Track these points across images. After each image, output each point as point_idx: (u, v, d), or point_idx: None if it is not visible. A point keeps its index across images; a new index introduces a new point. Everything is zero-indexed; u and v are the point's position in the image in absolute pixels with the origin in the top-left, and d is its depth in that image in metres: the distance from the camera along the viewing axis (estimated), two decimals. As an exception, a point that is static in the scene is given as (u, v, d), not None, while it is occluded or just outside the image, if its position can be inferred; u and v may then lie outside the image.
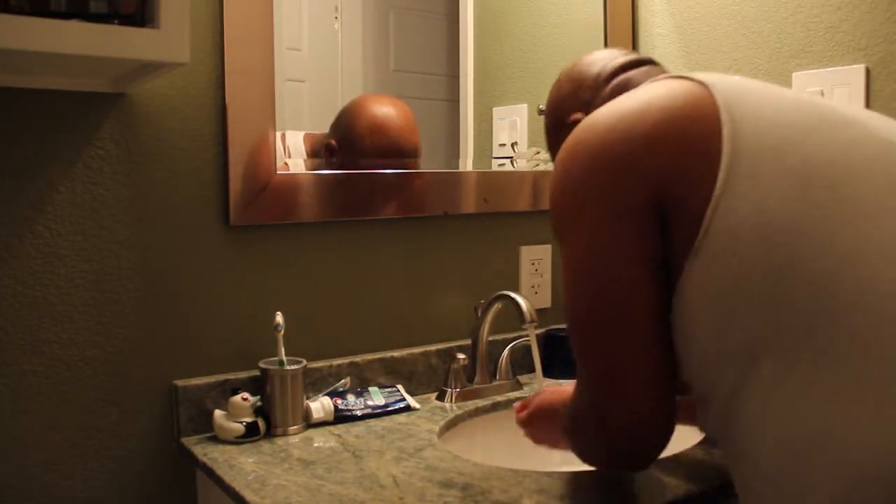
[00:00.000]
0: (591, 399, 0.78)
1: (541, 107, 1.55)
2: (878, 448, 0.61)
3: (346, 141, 1.30)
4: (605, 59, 0.98)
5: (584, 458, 0.83)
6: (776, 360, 0.67)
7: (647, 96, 0.77)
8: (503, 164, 1.54)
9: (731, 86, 0.75)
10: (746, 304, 0.68)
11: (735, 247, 0.68)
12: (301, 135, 1.29)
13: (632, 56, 0.98)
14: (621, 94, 0.86)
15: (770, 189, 0.68)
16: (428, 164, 1.42)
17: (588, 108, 0.94)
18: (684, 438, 1.07)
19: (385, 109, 1.33)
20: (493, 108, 1.52)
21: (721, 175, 0.69)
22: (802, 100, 0.76)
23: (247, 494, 0.92)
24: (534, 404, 1.04)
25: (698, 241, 0.70)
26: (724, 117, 0.71)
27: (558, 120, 1.01)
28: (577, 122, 0.93)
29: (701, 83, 0.76)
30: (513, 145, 1.54)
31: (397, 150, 1.31)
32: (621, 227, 0.74)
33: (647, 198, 0.72)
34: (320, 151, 1.30)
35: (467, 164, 1.50)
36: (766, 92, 0.76)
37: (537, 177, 1.51)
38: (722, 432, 0.75)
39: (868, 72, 1.27)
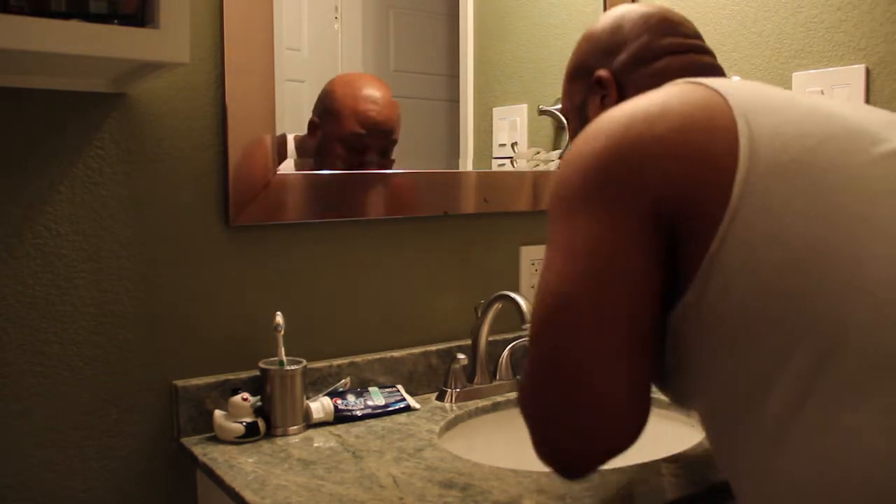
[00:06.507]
0: (549, 400, 0.72)
1: (541, 107, 1.55)
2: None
3: (326, 113, 1.30)
4: (657, 28, 0.92)
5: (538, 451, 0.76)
6: (794, 383, 0.65)
7: (663, 101, 0.74)
8: (503, 164, 1.54)
9: (748, 96, 0.73)
10: (763, 323, 0.66)
11: (752, 263, 0.66)
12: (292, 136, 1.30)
13: (688, 39, 0.92)
14: (658, 80, 0.84)
15: (786, 207, 0.66)
16: (428, 164, 1.42)
17: (619, 74, 0.91)
18: (684, 438, 1.08)
19: (364, 83, 1.33)
20: (493, 108, 1.52)
21: (736, 190, 0.67)
22: (818, 110, 0.73)
23: (247, 494, 0.92)
24: None
25: (711, 253, 0.68)
26: (741, 128, 0.69)
27: (581, 68, 0.96)
28: (599, 79, 0.92)
29: (718, 93, 0.73)
30: (513, 145, 1.54)
31: (374, 122, 1.31)
32: (623, 226, 0.71)
33: (653, 203, 0.70)
34: (304, 140, 1.30)
35: (467, 164, 1.50)
36: (783, 102, 0.73)
37: (537, 177, 1.51)
38: (728, 450, 0.74)
39: (868, 72, 1.27)
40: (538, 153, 1.54)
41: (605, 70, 0.93)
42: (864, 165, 0.68)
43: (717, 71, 0.92)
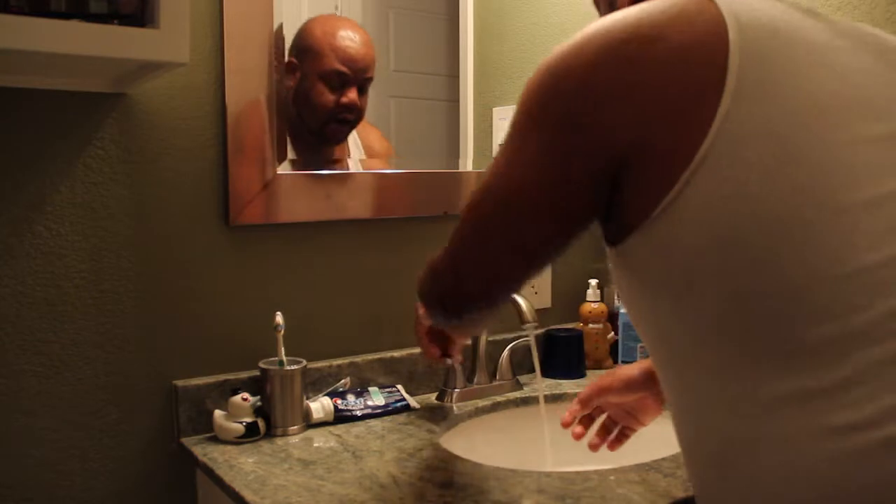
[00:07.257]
0: (452, 271, 0.91)
1: (541, 107, 1.55)
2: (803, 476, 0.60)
3: (304, 52, 1.29)
4: None
5: (421, 298, 0.94)
6: (722, 348, 0.65)
7: (662, 22, 0.67)
8: (503, 164, 1.53)
9: (757, 32, 0.66)
10: (698, 283, 0.66)
11: (698, 226, 0.64)
12: None
13: None
14: None
15: (751, 176, 0.63)
16: (428, 164, 1.42)
17: None
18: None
19: (342, 23, 1.33)
20: (493, 108, 1.52)
21: (706, 143, 0.63)
22: (826, 71, 0.67)
23: (247, 494, 0.93)
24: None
25: (665, 204, 0.65)
26: (730, 74, 0.64)
27: None
28: None
29: (726, 23, 0.66)
30: (513, 145, 1.54)
31: (352, 58, 1.29)
32: (570, 160, 0.70)
33: (617, 140, 0.67)
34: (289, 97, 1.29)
35: (467, 164, 1.50)
36: (796, 47, 0.67)
37: (537, 177, 1.51)
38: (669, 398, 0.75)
39: (868, 72, 1.27)
40: (538, 153, 1.54)
41: None
42: (845, 148, 0.65)
43: None
